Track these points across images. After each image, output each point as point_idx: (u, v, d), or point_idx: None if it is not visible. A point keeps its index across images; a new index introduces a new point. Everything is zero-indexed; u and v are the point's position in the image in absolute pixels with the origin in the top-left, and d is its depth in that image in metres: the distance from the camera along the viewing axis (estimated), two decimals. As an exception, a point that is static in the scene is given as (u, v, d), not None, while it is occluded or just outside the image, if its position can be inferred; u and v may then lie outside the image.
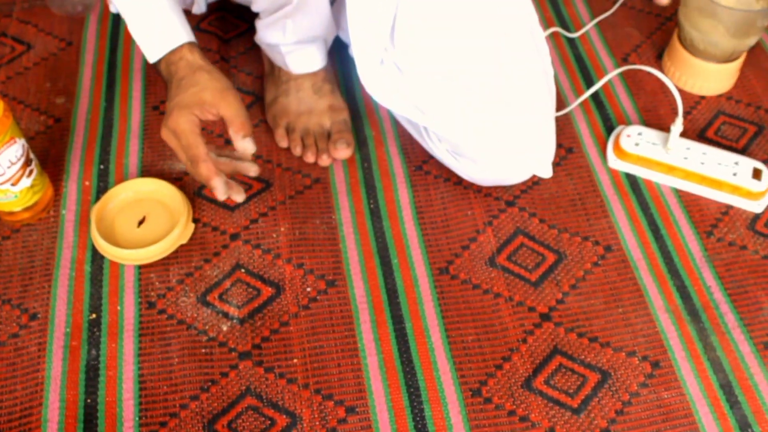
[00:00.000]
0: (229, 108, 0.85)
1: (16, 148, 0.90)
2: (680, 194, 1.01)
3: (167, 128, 0.86)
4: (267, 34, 1.01)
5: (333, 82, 1.08)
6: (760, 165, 0.99)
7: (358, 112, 1.09)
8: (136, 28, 0.90)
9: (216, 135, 1.07)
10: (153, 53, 0.89)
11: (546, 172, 0.94)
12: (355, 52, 0.90)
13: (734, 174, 0.98)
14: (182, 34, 0.89)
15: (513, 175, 0.97)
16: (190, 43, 0.89)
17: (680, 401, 0.84)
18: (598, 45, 1.19)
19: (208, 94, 0.85)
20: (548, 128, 0.94)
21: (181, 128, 0.84)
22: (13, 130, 0.89)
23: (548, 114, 0.95)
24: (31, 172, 0.93)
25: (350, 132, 1.05)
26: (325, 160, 1.03)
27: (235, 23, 1.21)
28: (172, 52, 0.88)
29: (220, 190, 0.85)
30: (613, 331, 0.89)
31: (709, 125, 1.08)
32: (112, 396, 0.83)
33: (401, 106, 0.91)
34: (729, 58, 1.08)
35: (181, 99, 0.85)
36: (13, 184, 0.92)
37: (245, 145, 0.85)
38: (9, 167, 0.90)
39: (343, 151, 1.02)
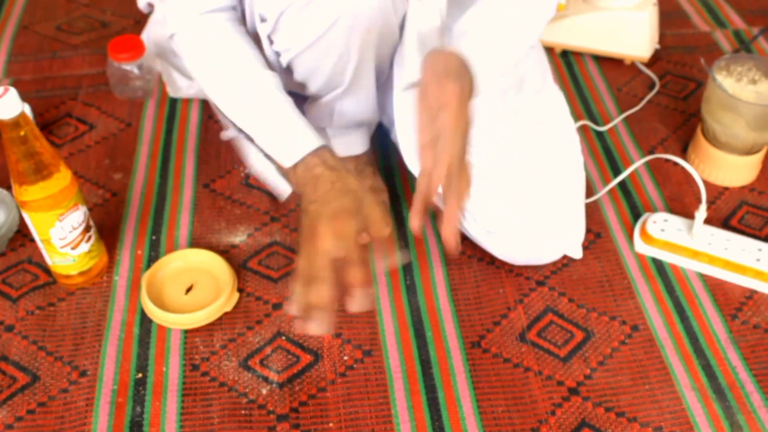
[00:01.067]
0: (374, 210, 0.85)
1: (79, 215, 0.97)
2: (705, 278, 1.05)
3: (330, 228, 0.81)
4: (316, 118, 1.08)
5: (374, 165, 1.15)
6: (782, 252, 1.04)
7: (396, 194, 1.16)
8: (268, 138, 0.92)
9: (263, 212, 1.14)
10: (290, 158, 0.89)
11: (576, 253, 0.99)
12: (400, 138, 0.97)
13: (758, 260, 1.02)
14: (317, 138, 0.90)
15: (546, 256, 1.02)
16: (326, 147, 0.90)
17: None
18: (626, 138, 1.25)
19: (368, 203, 0.85)
20: (579, 213, 1.00)
21: (347, 232, 0.81)
22: (78, 197, 0.96)
23: (579, 199, 1.01)
24: (89, 238, 1.00)
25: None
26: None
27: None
28: (311, 155, 0.88)
29: (326, 323, 0.80)
30: (640, 407, 0.91)
31: (733, 214, 1.13)
32: None
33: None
34: (750, 151, 1.13)
35: (343, 200, 0.83)
36: (72, 248, 0.98)
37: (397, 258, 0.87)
38: (71, 231, 0.97)
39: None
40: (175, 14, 0.95)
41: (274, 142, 0.92)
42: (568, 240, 0.99)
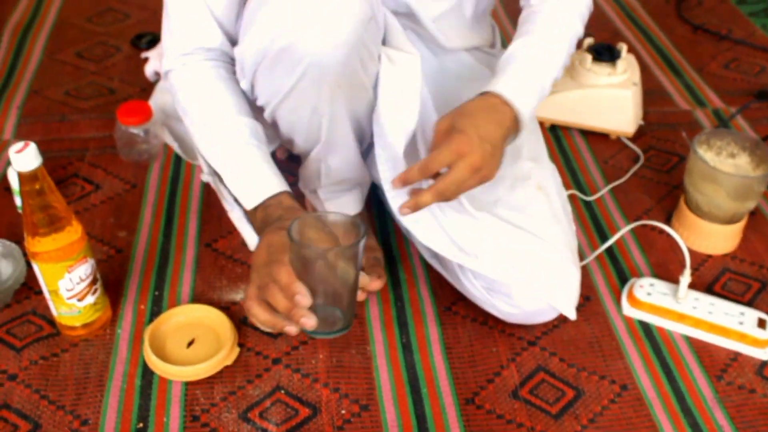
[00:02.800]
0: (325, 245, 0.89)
1: (86, 267, 1.00)
2: (691, 340, 1.09)
3: (266, 241, 0.89)
4: (307, 179, 1.13)
5: (368, 225, 1.19)
6: (764, 315, 1.08)
7: (393, 256, 1.20)
8: (234, 181, 0.98)
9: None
10: (251, 201, 0.96)
11: (571, 313, 1.03)
12: (388, 191, 1.02)
13: (740, 323, 1.06)
14: (279, 183, 0.97)
15: (541, 313, 1.06)
16: (286, 192, 0.97)
17: None
18: (612, 208, 1.31)
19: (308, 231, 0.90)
20: (575, 274, 1.05)
21: (280, 243, 0.87)
22: (87, 250, 1.00)
23: (574, 262, 1.06)
24: (95, 290, 1.03)
25: (382, 267, 1.15)
26: (360, 296, 1.11)
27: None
28: (270, 198, 0.95)
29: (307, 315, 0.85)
30: None
31: (716, 281, 1.18)
32: None
33: (439, 244, 1.02)
34: (731, 220, 1.19)
35: (283, 224, 0.90)
36: (79, 300, 1.01)
37: None
38: (79, 283, 1.00)
39: (375, 283, 1.10)
40: (166, 53, 1.03)
41: (238, 185, 0.98)
42: (564, 298, 1.03)
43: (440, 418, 0.98)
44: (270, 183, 0.96)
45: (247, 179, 0.97)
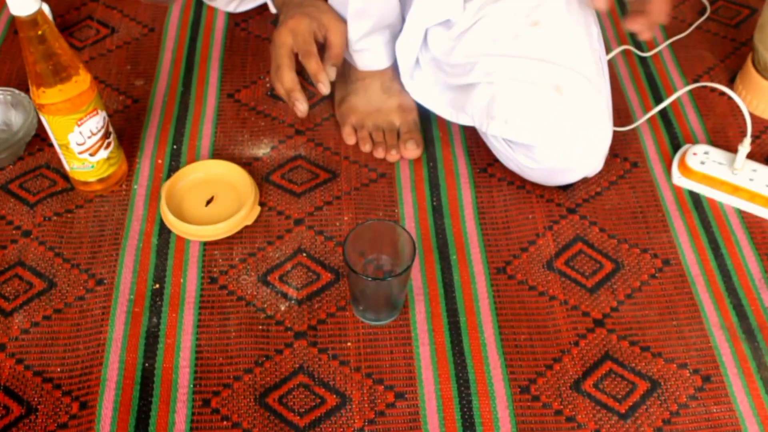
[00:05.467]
0: (338, 36, 1.03)
1: (98, 120, 0.97)
2: (743, 215, 1.04)
3: (287, 27, 1.02)
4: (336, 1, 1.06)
5: (402, 83, 1.13)
6: (827, 191, 1.02)
7: (427, 113, 1.14)
8: None
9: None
10: None
11: (596, 164, 0.99)
12: (398, 53, 1.03)
13: (800, 198, 1.01)
14: None
15: (563, 172, 1.00)
16: None
17: (729, 416, 0.86)
18: (670, 65, 1.23)
19: (327, 18, 1.02)
20: (604, 116, 0.96)
21: (302, 29, 1.02)
22: (97, 102, 0.96)
23: (604, 99, 0.97)
24: (108, 144, 1.00)
25: (419, 132, 1.10)
26: (393, 156, 1.08)
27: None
28: None
29: (301, 99, 1.04)
30: (666, 342, 0.91)
31: (778, 150, 1.11)
32: (169, 362, 0.89)
33: (438, 105, 1.05)
34: (802, 84, 1.11)
35: (303, 10, 1.03)
36: (91, 155, 0.99)
37: (330, 71, 1.03)
38: (90, 137, 0.97)
39: (413, 152, 1.08)
40: None
41: None
42: (590, 147, 0.97)
43: (469, 288, 0.96)
44: None
45: None
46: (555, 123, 0.94)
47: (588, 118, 0.95)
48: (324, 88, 1.03)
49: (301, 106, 1.04)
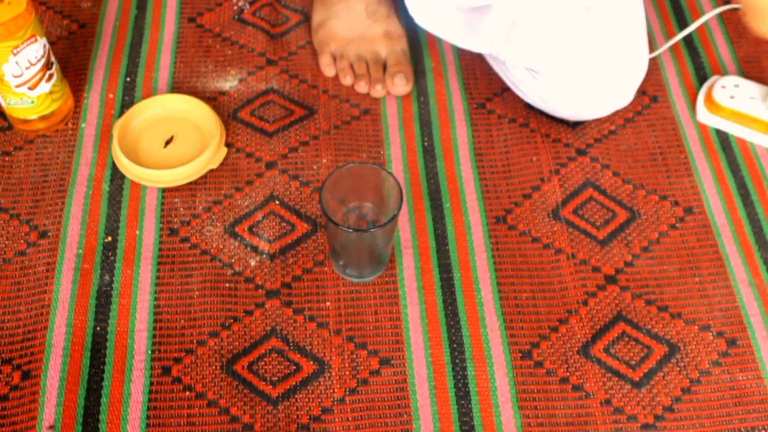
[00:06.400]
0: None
1: (37, 48, 0.91)
2: (777, 156, 1.01)
3: None
4: None
5: (389, 6, 1.07)
6: None
7: (418, 40, 1.09)
8: None
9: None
10: None
11: (628, 94, 0.94)
12: None
13: (842, 137, 0.95)
14: None
15: (596, 94, 0.94)
16: None
17: (756, 384, 0.83)
18: (696, -16, 1.18)
19: None
20: (640, 38, 0.92)
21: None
22: (35, 26, 0.90)
23: (640, 19, 0.93)
24: (51, 76, 0.94)
25: (409, 64, 1.05)
26: (379, 91, 1.03)
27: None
28: None
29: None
30: (687, 302, 0.88)
31: (817, 82, 1.07)
32: (123, 326, 0.85)
33: (446, 30, 0.94)
34: None
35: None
36: (30, 88, 0.93)
37: None
38: (28, 68, 0.91)
39: (402, 87, 1.02)
40: None
41: None
42: (623, 73, 0.93)
43: (464, 240, 0.91)
44: None
45: None
46: (585, 46, 0.89)
47: (623, 40, 0.90)
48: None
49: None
